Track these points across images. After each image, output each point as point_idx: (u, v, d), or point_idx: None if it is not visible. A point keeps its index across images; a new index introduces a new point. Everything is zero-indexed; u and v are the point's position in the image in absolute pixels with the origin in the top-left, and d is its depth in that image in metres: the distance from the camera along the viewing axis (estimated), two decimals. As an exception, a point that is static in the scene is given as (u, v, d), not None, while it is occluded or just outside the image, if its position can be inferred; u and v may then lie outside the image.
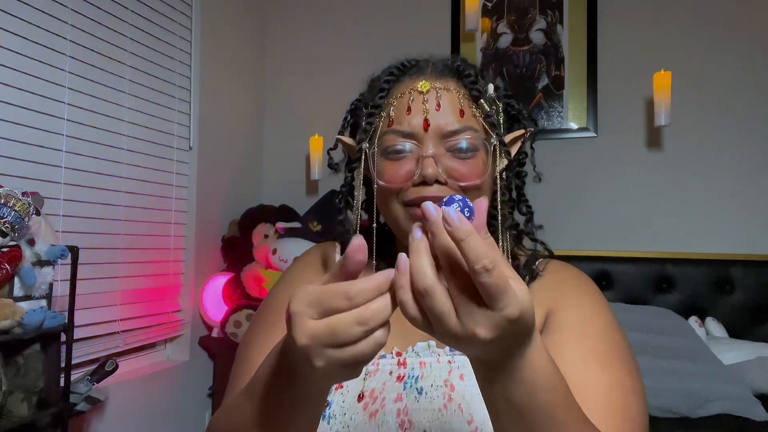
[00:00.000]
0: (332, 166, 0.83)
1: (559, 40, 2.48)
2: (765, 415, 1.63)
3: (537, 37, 2.51)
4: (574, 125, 2.44)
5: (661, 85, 2.16)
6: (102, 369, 1.60)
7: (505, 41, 2.55)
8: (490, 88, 0.72)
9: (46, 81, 1.69)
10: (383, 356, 0.73)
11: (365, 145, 0.72)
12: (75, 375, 1.58)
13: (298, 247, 2.19)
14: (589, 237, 2.37)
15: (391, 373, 0.72)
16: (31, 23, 1.64)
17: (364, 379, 0.72)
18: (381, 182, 0.70)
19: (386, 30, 2.70)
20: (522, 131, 0.75)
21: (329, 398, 0.70)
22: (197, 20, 2.34)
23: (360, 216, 0.74)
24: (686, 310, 2.11)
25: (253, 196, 2.75)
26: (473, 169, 0.68)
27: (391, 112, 0.71)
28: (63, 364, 1.45)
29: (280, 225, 2.39)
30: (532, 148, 0.78)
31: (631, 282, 2.23)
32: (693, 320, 2.03)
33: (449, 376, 0.70)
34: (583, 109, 2.43)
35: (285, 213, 2.52)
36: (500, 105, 0.73)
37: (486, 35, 2.57)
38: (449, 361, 0.71)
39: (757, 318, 2.09)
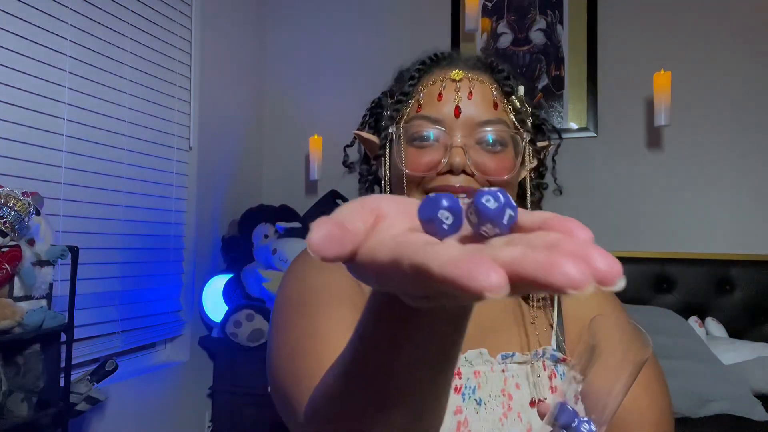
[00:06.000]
0: (347, 165, 0.79)
1: (559, 40, 2.47)
2: (765, 415, 1.63)
3: (537, 37, 2.50)
4: (574, 125, 2.44)
5: (661, 85, 2.16)
6: (102, 369, 1.59)
7: (505, 41, 2.54)
8: (521, 89, 0.70)
9: (46, 81, 1.69)
10: None
11: (393, 128, 0.69)
12: (75, 375, 1.58)
13: (298, 247, 2.19)
14: (589, 237, 2.37)
15: None
16: (31, 23, 1.64)
17: None
18: (405, 170, 0.66)
19: (386, 30, 2.70)
20: (547, 142, 0.74)
21: None
22: (197, 20, 2.34)
23: None
24: (686, 310, 2.11)
25: (253, 196, 2.75)
26: (503, 163, 0.66)
27: (421, 98, 0.69)
28: (63, 364, 1.44)
29: (280, 225, 2.39)
30: (554, 161, 0.77)
31: (631, 282, 2.20)
32: (693, 320, 2.03)
33: (505, 385, 0.67)
34: (583, 109, 2.43)
35: (285, 213, 2.52)
36: (528, 109, 0.71)
37: (486, 35, 2.57)
38: (503, 370, 0.68)
39: (757, 318, 2.09)
